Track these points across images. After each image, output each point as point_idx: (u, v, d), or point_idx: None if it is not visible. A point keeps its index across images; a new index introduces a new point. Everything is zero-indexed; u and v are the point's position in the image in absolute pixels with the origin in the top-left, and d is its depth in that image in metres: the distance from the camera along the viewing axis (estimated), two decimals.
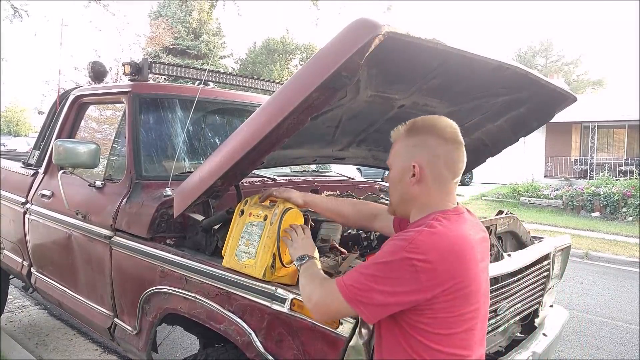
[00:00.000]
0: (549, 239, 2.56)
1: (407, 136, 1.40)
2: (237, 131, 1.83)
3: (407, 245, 1.23)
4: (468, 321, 1.30)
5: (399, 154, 1.42)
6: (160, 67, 2.91)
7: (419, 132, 1.39)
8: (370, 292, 1.24)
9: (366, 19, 1.40)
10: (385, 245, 1.29)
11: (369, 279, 1.25)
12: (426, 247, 1.22)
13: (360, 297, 1.25)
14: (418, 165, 1.35)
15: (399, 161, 1.41)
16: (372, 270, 1.26)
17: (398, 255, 1.23)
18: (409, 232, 1.28)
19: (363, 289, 1.25)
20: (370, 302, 1.24)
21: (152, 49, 16.61)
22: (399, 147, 1.43)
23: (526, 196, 14.91)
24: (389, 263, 1.24)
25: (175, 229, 2.23)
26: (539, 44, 42.26)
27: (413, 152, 1.37)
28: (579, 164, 20.30)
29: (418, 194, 1.38)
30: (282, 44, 33.63)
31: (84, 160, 2.50)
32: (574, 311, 4.97)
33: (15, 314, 4.39)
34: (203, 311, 1.88)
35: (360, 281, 1.26)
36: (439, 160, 1.35)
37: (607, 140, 20.94)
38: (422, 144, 1.37)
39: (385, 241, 1.33)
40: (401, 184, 1.40)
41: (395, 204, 1.47)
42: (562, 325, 2.56)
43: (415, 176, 1.36)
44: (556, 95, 2.28)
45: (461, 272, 1.26)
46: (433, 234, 1.26)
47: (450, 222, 1.32)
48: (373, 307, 1.25)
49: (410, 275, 1.21)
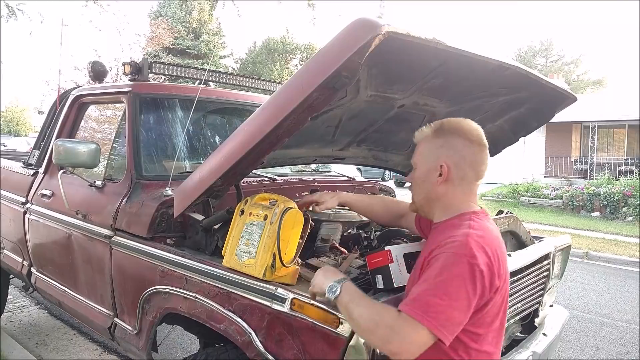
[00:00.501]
0: (549, 239, 2.56)
1: (434, 137, 1.44)
2: (237, 131, 1.83)
3: (467, 252, 1.23)
4: (500, 319, 1.36)
5: (425, 154, 1.45)
6: (160, 67, 2.91)
7: (445, 134, 1.42)
8: (451, 313, 1.20)
9: (366, 18, 1.40)
10: (439, 258, 1.25)
11: (444, 300, 1.20)
12: (482, 251, 1.25)
13: (444, 321, 1.19)
14: (446, 165, 1.39)
15: (425, 161, 1.44)
16: (444, 289, 1.21)
17: (464, 265, 1.22)
18: (456, 238, 1.27)
19: (444, 311, 1.20)
20: (452, 322, 1.21)
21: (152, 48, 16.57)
22: (425, 148, 1.46)
23: (526, 196, 14.92)
24: (459, 276, 1.21)
25: (176, 228, 2.23)
26: (539, 44, 42.28)
27: (440, 153, 1.41)
28: (579, 164, 20.30)
29: (443, 194, 1.42)
30: (282, 44, 33.65)
31: (84, 160, 2.50)
32: (574, 311, 4.97)
33: (15, 313, 4.39)
34: (203, 311, 1.88)
35: (437, 304, 1.20)
36: (465, 161, 1.39)
37: (607, 140, 20.95)
38: (449, 145, 1.40)
39: (428, 249, 1.31)
40: (427, 183, 1.44)
41: (419, 203, 1.50)
42: (562, 325, 2.56)
43: (442, 176, 1.40)
44: (556, 95, 2.28)
45: (505, 272, 1.32)
46: (481, 237, 1.29)
47: (485, 225, 1.36)
48: (455, 326, 1.22)
49: (479, 281, 1.22)
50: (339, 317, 1.47)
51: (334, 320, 1.48)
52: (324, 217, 2.28)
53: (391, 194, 3.18)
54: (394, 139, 2.58)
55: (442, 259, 1.25)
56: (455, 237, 1.29)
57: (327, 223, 2.26)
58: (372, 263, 1.73)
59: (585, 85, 40.11)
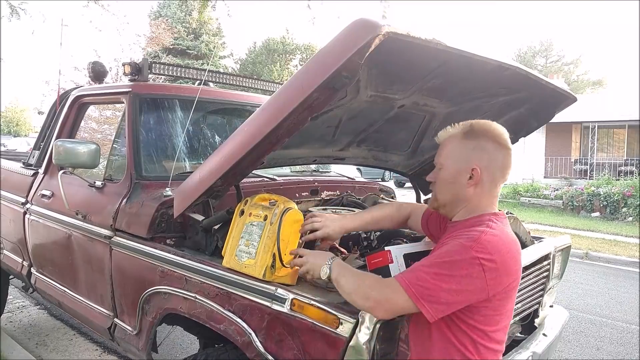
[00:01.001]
0: (549, 239, 2.56)
1: (464, 138, 1.45)
2: (237, 131, 1.83)
3: (474, 245, 1.28)
4: (508, 318, 1.40)
5: (455, 156, 1.45)
6: (160, 67, 2.91)
7: (477, 136, 1.43)
8: (437, 291, 1.26)
9: (366, 19, 1.40)
10: (447, 244, 1.32)
11: (435, 278, 1.27)
12: (492, 248, 1.28)
13: (427, 295, 1.27)
14: (478, 169, 1.41)
15: (455, 162, 1.45)
16: (438, 268, 1.28)
17: (466, 254, 1.26)
18: (472, 233, 1.32)
19: (429, 287, 1.27)
20: (436, 300, 1.26)
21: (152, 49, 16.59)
22: (454, 149, 1.46)
23: (526, 196, 14.92)
24: (457, 262, 1.26)
25: (175, 229, 2.23)
26: (539, 44, 42.29)
27: (471, 156, 1.42)
28: (579, 164, 20.30)
29: (472, 196, 1.44)
30: (282, 44, 33.67)
31: (84, 160, 2.50)
32: (574, 311, 4.98)
33: (15, 314, 4.39)
34: (203, 311, 1.88)
35: (425, 279, 1.28)
36: (495, 165, 1.42)
37: (607, 140, 20.95)
38: (480, 147, 1.42)
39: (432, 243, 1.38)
40: (456, 185, 1.45)
41: (444, 203, 1.51)
42: (562, 325, 2.56)
43: (472, 179, 1.42)
44: (556, 96, 2.28)
45: (515, 272, 1.35)
46: (495, 235, 1.32)
47: (503, 225, 1.40)
48: (438, 305, 1.27)
49: (478, 274, 1.26)
50: (338, 318, 1.48)
51: (334, 320, 1.48)
52: None
53: (391, 194, 3.18)
54: (394, 139, 2.58)
55: (450, 245, 1.32)
56: (471, 232, 1.34)
57: None
58: (372, 263, 1.73)
59: (585, 86, 40.12)
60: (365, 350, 1.41)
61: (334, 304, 1.53)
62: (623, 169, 18.15)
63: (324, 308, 1.52)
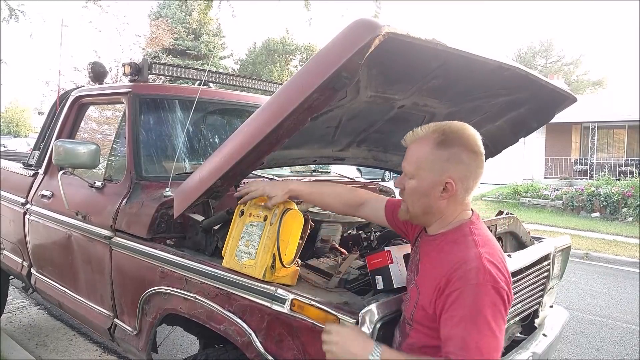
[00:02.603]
0: (549, 240, 2.56)
1: (438, 148, 1.34)
2: (237, 132, 1.83)
3: (487, 277, 1.23)
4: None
5: (427, 166, 1.35)
6: (160, 67, 2.91)
7: (451, 145, 1.34)
8: (497, 343, 1.21)
9: (366, 19, 1.40)
10: (464, 293, 1.22)
11: (489, 334, 1.19)
12: (497, 270, 1.25)
13: (496, 354, 1.20)
14: (452, 182, 1.33)
15: (428, 174, 1.35)
16: (485, 325, 1.19)
17: (491, 292, 1.22)
18: (470, 264, 1.25)
19: (493, 346, 1.20)
20: (500, 350, 1.22)
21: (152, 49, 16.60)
22: (427, 158, 1.36)
23: (526, 196, 14.93)
24: (492, 304, 1.21)
25: (175, 229, 2.23)
26: (539, 44, 42.27)
27: (445, 167, 1.34)
28: (579, 165, 20.30)
29: (445, 208, 1.38)
30: (282, 45, 33.66)
31: (84, 160, 2.50)
32: (574, 311, 4.97)
33: (15, 314, 4.39)
34: (203, 311, 1.88)
35: (487, 343, 1.19)
36: (470, 175, 1.36)
37: (607, 140, 20.94)
38: (456, 158, 1.33)
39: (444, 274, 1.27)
40: (428, 197, 1.37)
41: (415, 214, 1.43)
42: (562, 325, 2.56)
43: (447, 192, 1.35)
44: (556, 96, 2.28)
45: (511, 281, 1.31)
46: (489, 253, 1.28)
47: (484, 232, 1.36)
48: (501, 350, 1.23)
49: (506, 300, 1.24)
50: (339, 318, 1.48)
51: (334, 320, 1.48)
52: (323, 217, 2.28)
53: (391, 194, 3.18)
54: (394, 140, 2.58)
55: (469, 293, 1.22)
56: (468, 261, 1.26)
57: (327, 224, 2.26)
58: (372, 264, 1.73)
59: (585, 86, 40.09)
60: None
61: (334, 304, 1.53)
62: (623, 169, 18.14)
63: (324, 308, 1.52)
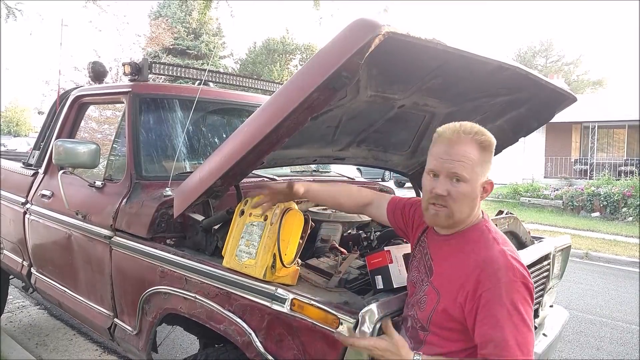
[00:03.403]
0: (549, 239, 2.56)
1: (482, 151, 1.38)
2: (237, 131, 1.83)
3: (516, 274, 1.28)
4: None
5: (477, 170, 1.36)
6: (160, 67, 2.91)
7: (489, 149, 1.40)
8: (532, 336, 1.28)
9: (366, 19, 1.40)
10: (497, 293, 1.26)
11: (528, 329, 1.26)
12: (520, 265, 1.31)
13: (532, 347, 1.27)
14: (492, 182, 1.42)
15: (478, 177, 1.37)
16: (522, 321, 1.26)
17: (520, 287, 1.27)
18: (497, 262, 1.29)
19: (530, 339, 1.27)
20: (534, 343, 1.29)
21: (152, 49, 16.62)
22: (476, 161, 1.36)
23: (526, 196, 14.93)
24: (522, 300, 1.27)
25: (175, 229, 2.23)
26: (539, 44, 42.28)
27: (485, 169, 1.40)
28: (579, 164, 20.30)
29: (478, 209, 1.44)
30: (282, 44, 33.66)
31: (84, 160, 2.50)
32: (574, 311, 4.97)
33: (15, 314, 4.39)
34: (203, 311, 1.88)
35: (526, 340, 1.25)
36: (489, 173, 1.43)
37: (607, 140, 20.94)
38: (489, 160, 1.41)
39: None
40: (475, 200, 1.40)
41: (461, 220, 1.41)
42: (562, 325, 2.56)
43: (487, 192, 1.41)
44: (556, 96, 2.28)
45: None
46: (511, 250, 1.35)
47: (498, 230, 1.42)
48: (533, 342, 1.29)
49: (533, 297, 1.31)
50: (338, 318, 1.48)
51: (334, 320, 1.48)
52: (324, 217, 2.28)
53: (391, 194, 3.18)
54: (394, 139, 2.58)
55: (503, 292, 1.26)
56: (495, 260, 1.31)
57: (327, 223, 2.26)
58: (372, 263, 1.73)
59: (585, 86, 40.10)
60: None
61: (334, 304, 1.53)
62: (623, 169, 18.15)
63: (324, 308, 1.52)
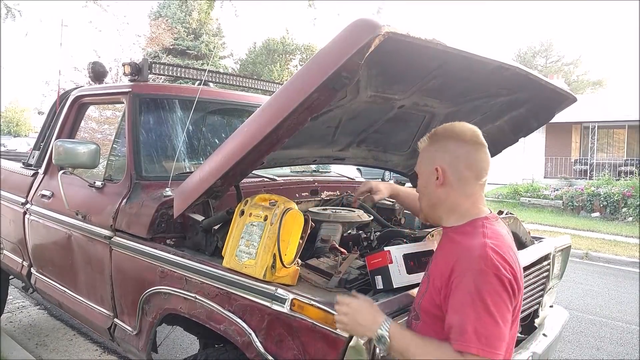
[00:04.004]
0: (549, 239, 2.56)
1: (429, 144, 1.48)
2: (237, 131, 1.83)
3: (489, 264, 1.24)
4: (515, 326, 1.36)
5: (423, 161, 1.50)
6: (160, 67, 2.91)
7: (439, 138, 1.46)
8: (500, 332, 1.22)
9: (366, 19, 1.40)
10: (465, 279, 1.25)
11: (491, 322, 1.21)
12: (502, 259, 1.26)
13: (497, 343, 1.21)
14: (440, 168, 1.42)
15: (424, 167, 1.49)
16: (484, 309, 1.21)
17: (492, 279, 1.23)
18: (473, 252, 1.27)
19: (493, 334, 1.21)
20: (503, 339, 1.22)
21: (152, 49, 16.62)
22: (423, 155, 1.50)
23: (526, 196, 14.94)
24: (493, 291, 1.22)
25: (175, 229, 2.23)
26: (539, 44, 42.24)
27: (435, 157, 1.45)
28: (579, 164, 20.30)
29: (444, 197, 1.44)
30: (282, 45, 33.64)
31: (84, 160, 2.50)
32: (574, 311, 4.98)
33: (15, 314, 4.39)
34: (203, 311, 1.88)
35: (486, 329, 1.20)
36: (459, 161, 1.41)
37: (607, 140, 20.94)
38: (443, 148, 1.44)
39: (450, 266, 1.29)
40: (428, 188, 1.47)
41: (425, 210, 1.52)
42: (562, 325, 2.56)
43: (438, 179, 1.42)
44: (556, 96, 2.28)
45: (521, 277, 1.32)
46: (497, 245, 1.29)
47: (498, 230, 1.37)
48: (504, 341, 1.23)
49: (510, 290, 1.24)
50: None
51: (334, 320, 1.48)
52: (324, 217, 2.28)
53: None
54: (393, 140, 2.58)
55: (470, 280, 1.24)
56: (472, 249, 1.29)
57: (327, 224, 2.26)
58: (372, 264, 1.73)
59: (585, 86, 40.07)
60: (365, 350, 1.41)
61: (334, 304, 1.53)
62: (623, 169, 18.14)
63: (324, 308, 1.52)
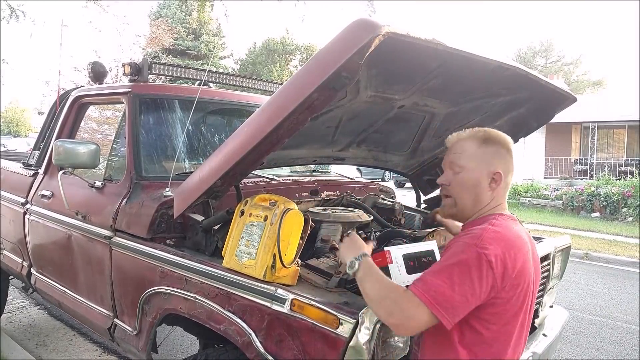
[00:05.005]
0: (549, 240, 2.56)
1: (483, 144, 1.47)
2: (237, 132, 1.83)
3: (478, 242, 1.29)
4: (520, 322, 1.38)
5: (477, 159, 1.46)
6: (160, 67, 2.91)
7: (495, 143, 1.47)
8: (451, 295, 1.25)
9: (366, 19, 1.41)
10: (453, 246, 1.34)
11: (446, 282, 1.26)
12: (495, 242, 1.30)
13: (442, 301, 1.25)
14: (501, 173, 1.45)
15: (478, 165, 1.46)
16: (448, 272, 1.27)
17: (471, 252, 1.28)
18: (474, 230, 1.35)
19: (443, 292, 1.25)
20: (452, 305, 1.25)
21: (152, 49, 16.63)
22: (475, 152, 1.46)
23: (526, 196, 14.92)
24: (464, 262, 1.27)
25: (175, 229, 2.23)
26: (539, 44, 42.27)
27: (492, 160, 1.45)
28: (579, 164, 20.29)
29: (489, 200, 1.47)
30: (282, 45, 33.66)
31: (84, 160, 2.50)
32: (574, 311, 4.97)
33: (15, 314, 4.39)
34: (203, 311, 1.88)
35: (438, 285, 1.26)
36: (509, 170, 1.48)
37: (607, 140, 20.93)
38: (498, 154, 1.46)
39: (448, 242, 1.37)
40: (478, 188, 1.47)
41: (463, 207, 1.50)
42: (562, 325, 2.56)
43: (495, 182, 1.45)
44: (556, 96, 2.28)
45: (527, 274, 1.35)
46: (497, 231, 1.34)
47: (508, 224, 1.41)
48: (454, 309, 1.26)
49: (486, 270, 1.26)
50: (338, 318, 1.48)
51: (334, 320, 1.48)
52: (324, 217, 2.28)
53: (391, 194, 3.18)
54: (393, 140, 2.58)
55: (454, 247, 1.33)
56: (472, 230, 1.36)
57: (327, 224, 2.26)
58: None
59: (585, 86, 40.07)
60: (365, 350, 1.41)
61: (334, 304, 1.53)
62: (623, 169, 18.13)
63: (324, 308, 1.52)
